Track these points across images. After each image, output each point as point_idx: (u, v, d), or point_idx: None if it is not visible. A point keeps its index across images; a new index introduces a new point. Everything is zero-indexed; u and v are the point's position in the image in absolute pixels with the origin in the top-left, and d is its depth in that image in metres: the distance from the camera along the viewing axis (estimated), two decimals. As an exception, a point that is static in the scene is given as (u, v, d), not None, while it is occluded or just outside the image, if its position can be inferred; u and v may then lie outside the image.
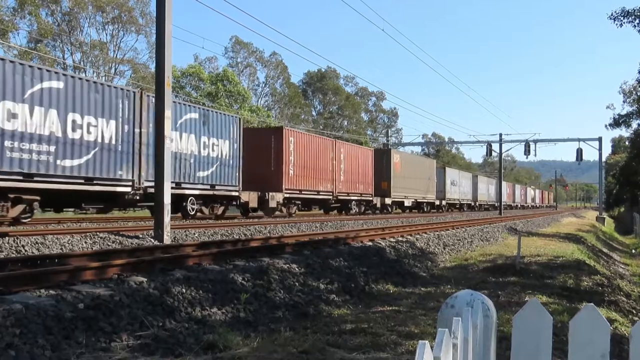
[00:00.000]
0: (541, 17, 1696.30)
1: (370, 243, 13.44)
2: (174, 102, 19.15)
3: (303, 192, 28.39)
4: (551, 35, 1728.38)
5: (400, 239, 15.12)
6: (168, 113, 13.11)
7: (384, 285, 9.75)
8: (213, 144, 21.96)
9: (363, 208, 35.59)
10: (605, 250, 25.89)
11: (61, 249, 10.71)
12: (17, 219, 15.51)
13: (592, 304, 2.60)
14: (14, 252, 10.01)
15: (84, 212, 18.52)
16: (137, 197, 18.39)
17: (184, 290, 6.75)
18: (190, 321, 6.14)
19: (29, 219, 16.48)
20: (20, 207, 15.29)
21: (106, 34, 53.74)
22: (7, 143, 14.24)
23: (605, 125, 36.91)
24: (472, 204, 63.01)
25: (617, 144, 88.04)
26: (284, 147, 26.62)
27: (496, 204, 62.54)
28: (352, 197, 33.79)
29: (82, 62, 51.30)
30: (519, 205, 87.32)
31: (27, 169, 14.76)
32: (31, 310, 5.22)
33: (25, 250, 10.19)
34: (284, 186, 26.45)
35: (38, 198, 15.55)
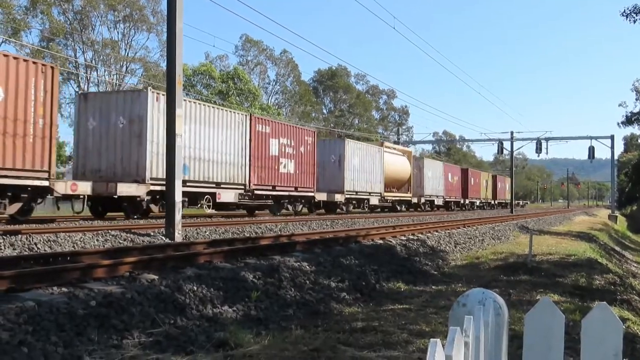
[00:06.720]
0: (552, 14, 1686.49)
1: (381, 241, 13.42)
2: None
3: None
4: (562, 33, 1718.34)
5: (411, 237, 15.08)
6: (179, 112, 13.14)
7: (395, 283, 9.73)
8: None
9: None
10: (617, 248, 25.73)
11: (73, 246, 10.77)
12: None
13: (604, 302, 2.58)
14: (27, 249, 10.09)
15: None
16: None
17: (195, 288, 6.77)
18: (202, 319, 6.15)
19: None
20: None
21: (117, 33, 54.09)
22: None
23: (618, 123, 36.70)
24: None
25: (629, 141, 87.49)
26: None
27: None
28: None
29: (93, 61, 51.61)
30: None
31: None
32: (44, 307, 5.26)
33: (38, 248, 10.27)
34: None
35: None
